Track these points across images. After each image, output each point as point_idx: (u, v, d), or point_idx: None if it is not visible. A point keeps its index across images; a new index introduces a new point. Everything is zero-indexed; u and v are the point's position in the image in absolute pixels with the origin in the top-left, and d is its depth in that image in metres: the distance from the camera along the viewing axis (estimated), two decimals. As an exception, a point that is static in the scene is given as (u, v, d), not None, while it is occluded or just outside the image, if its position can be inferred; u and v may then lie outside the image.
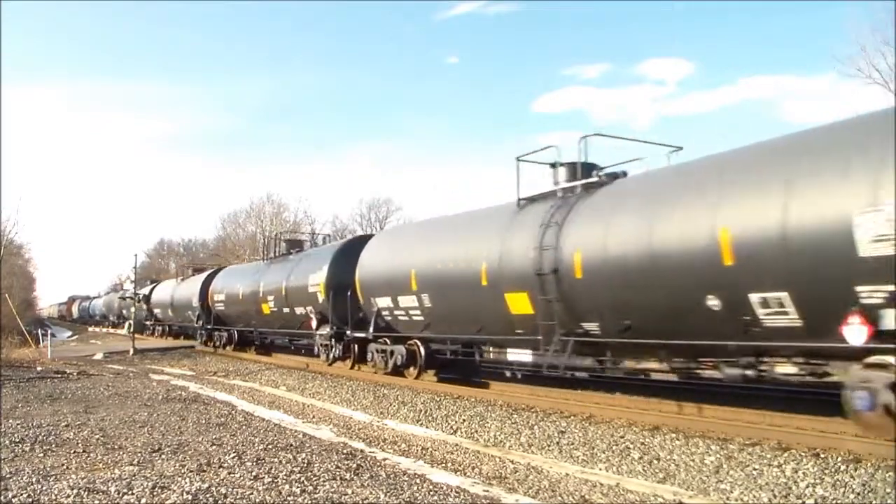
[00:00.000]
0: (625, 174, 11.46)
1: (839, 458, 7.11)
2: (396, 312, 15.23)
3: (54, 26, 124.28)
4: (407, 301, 14.67)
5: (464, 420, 10.66)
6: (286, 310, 21.07)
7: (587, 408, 10.82)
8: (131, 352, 26.89)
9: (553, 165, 12.15)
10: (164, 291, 37.77)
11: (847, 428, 8.37)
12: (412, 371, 15.35)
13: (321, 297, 18.47)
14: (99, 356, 25.74)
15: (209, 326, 29.02)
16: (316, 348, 19.71)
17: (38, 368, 19.63)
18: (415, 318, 14.67)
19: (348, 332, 17.48)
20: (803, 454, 7.37)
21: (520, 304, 11.54)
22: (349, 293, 16.96)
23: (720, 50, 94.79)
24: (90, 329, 59.79)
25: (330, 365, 18.89)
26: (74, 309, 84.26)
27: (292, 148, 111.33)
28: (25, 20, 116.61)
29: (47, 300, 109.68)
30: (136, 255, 38.46)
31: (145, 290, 41.02)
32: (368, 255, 16.76)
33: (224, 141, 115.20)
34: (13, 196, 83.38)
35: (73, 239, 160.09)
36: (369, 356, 16.80)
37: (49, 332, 36.68)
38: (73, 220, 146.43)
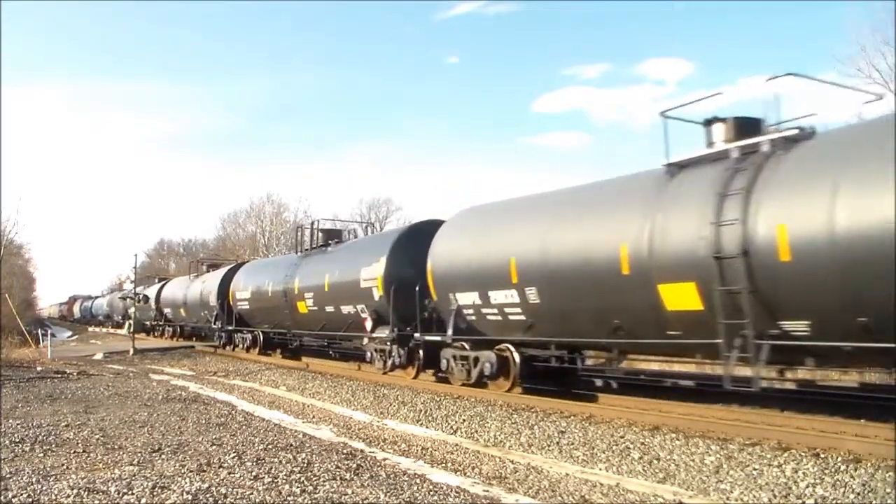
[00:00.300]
0: (812, 129, 8.89)
1: (839, 458, 7.11)
2: (485, 311, 12.66)
3: (54, 26, 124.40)
4: (502, 297, 12.10)
5: (464, 420, 10.66)
6: (329, 309, 18.46)
7: (587, 408, 10.81)
8: (131, 352, 26.87)
9: (709, 122, 9.90)
10: (176, 289, 35.63)
11: (847, 428, 8.38)
12: (502, 382, 12.75)
13: (377, 294, 15.82)
14: (99, 356, 25.73)
15: (230, 327, 26.31)
16: (368, 354, 17.09)
17: (38, 368, 19.62)
18: (512, 317, 12.11)
19: (416, 336, 14.77)
20: (803, 454, 7.37)
21: (681, 297, 9.21)
22: (417, 288, 14.37)
23: (720, 50, 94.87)
24: (90, 329, 59.78)
25: (385, 373, 16.32)
26: (76, 309, 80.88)
27: (292, 148, 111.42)
28: (25, 20, 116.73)
29: (47, 300, 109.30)
30: (136, 255, 38.46)
31: (153, 289, 39.87)
32: (445, 241, 14.00)
33: (224, 141, 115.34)
34: (13, 196, 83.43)
35: (73, 239, 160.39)
36: (443, 364, 13.99)
37: (49, 332, 36.67)
38: (73, 221, 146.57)
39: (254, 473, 6.78)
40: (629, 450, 8.20)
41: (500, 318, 12.41)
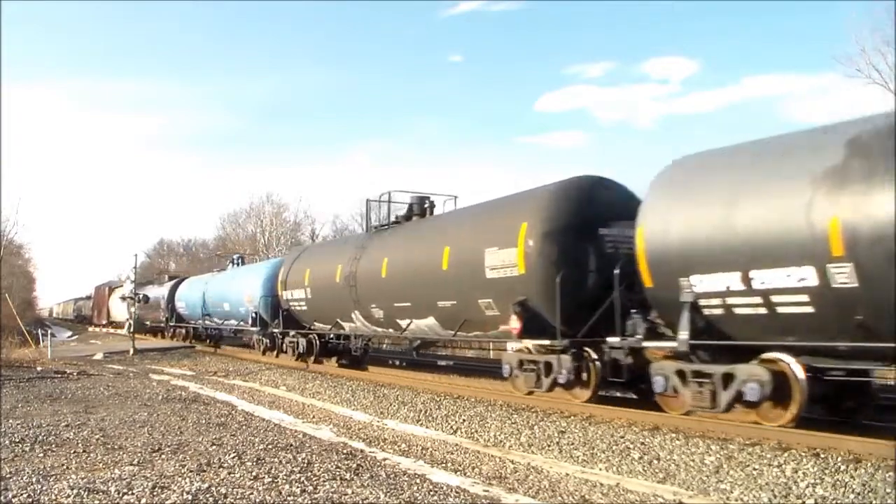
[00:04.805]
0: None
1: (839, 458, 7.11)
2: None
3: (54, 26, 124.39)
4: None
5: (464, 420, 10.66)
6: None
7: (587, 408, 10.81)
8: (131, 352, 26.88)
9: None
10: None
11: (847, 428, 8.37)
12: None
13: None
14: (99, 356, 25.74)
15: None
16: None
17: (38, 368, 19.63)
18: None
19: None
20: (803, 454, 7.37)
21: None
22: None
23: (723, 49, 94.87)
24: (90, 329, 59.69)
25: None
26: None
27: (292, 148, 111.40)
28: (26, 20, 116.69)
29: (47, 300, 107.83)
30: (136, 255, 38.22)
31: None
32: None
33: (224, 141, 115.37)
34: (13, 196, 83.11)
35: (73, 239, 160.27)
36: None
37: (49, 331, 36.67)
38: (73, 220, 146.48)
39: (254, 473, 6.79)
40: (629, 450, 8.20)
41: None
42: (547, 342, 11.34)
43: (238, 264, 31.49)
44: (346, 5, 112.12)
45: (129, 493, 5.96)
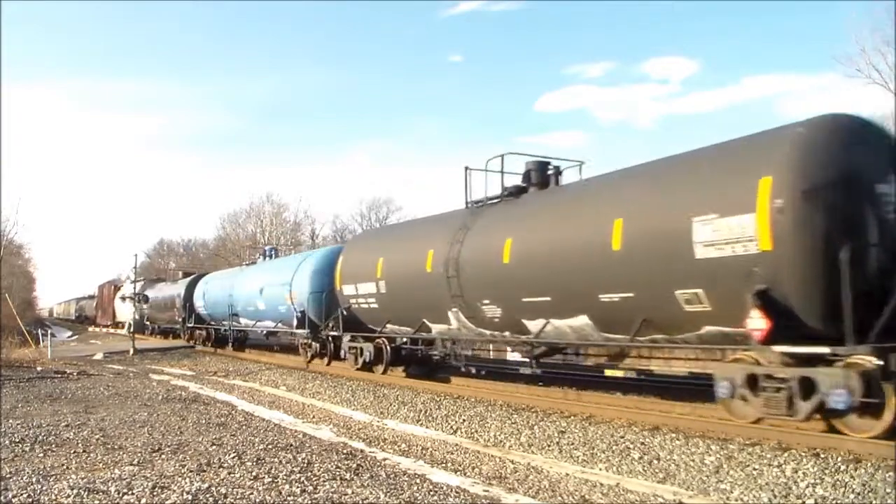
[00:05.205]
0: None
1: (839, 458, 7.11)
2: None
3: (54, 26, 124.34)
4: None
5: (464, 420, 10.66)
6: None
7: (587, 408, 10.81)
8: (131, 352, 26.90)
9: None
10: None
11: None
12: None
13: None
14: (99, 356, 25.75)
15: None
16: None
17: (38, 368, 19.64)
18: None
19: None
20: (803, 454, 7.37)
21: None
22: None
23: (724, 49, 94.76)
24: (90, 329, 59.63)
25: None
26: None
27: (292, 148, 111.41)
28: (26, 20, 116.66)
29: (47, 300, 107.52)
30: (136, 255, 38.29)
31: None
32: None
33: (224, 141, 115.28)
34: (13, 196, 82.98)
35: (72, 239, 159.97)
36: None
37: (49, 331, 36.66)
38: (73, 220, 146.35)
39: (254, 473, 6.79)
40: (629, 450, 8.21)
41: None
42: (823, 350, 7.55)
43: (271, 257, 28.30)
44: (346, 5, 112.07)
45: (129, 493, 5.97)
